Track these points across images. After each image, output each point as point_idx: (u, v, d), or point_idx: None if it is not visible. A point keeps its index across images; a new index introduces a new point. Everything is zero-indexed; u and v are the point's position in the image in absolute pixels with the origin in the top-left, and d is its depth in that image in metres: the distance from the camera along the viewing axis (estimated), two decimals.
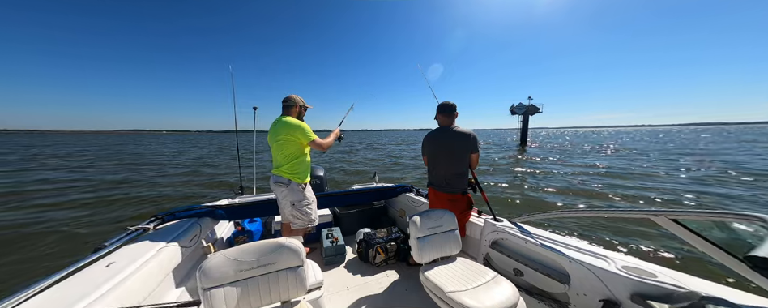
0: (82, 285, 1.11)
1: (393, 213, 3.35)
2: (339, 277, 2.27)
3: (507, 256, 1.83)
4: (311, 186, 3.56)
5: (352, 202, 3.12)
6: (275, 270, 1.23)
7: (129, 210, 6.40)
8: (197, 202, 5.01)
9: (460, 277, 1.54)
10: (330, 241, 2.49)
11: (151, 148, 29.75)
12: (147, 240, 1.63)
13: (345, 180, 10.22)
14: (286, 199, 2.11)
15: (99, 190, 8.38)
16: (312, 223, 2.21)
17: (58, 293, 1.06)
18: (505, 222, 1.96)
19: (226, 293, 1.12)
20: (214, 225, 2.34)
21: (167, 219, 1.99)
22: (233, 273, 1.14)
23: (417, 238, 1.69)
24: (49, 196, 7.41)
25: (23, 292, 1.00)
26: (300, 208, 2.12)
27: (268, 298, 1.21)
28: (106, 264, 1.29)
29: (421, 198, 2.84)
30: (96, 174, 11.23)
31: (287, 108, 2.20)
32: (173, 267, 1.59)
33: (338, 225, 3.08)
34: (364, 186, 3.63)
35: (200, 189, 8.74)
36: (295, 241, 1.30)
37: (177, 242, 1.67)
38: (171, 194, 7.96)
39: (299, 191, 2.11)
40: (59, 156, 18.81)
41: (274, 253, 1.23)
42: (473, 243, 2.16)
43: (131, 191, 8.22)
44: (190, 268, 1.85)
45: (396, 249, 2.47)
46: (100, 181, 9.82)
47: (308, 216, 2.17)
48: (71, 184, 9.16)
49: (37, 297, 1.02)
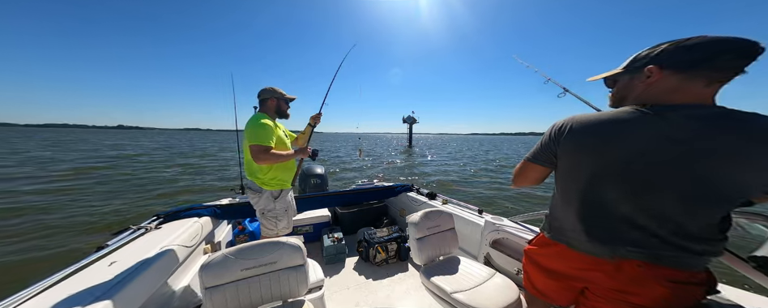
0: (84, 284, 1.11)
1: (393, 212, 3.35)
2: (339, 276, 2.27)
3: (508, 255, 1.82)
4: (311, 185, 3.58)
5: (352, 201, 3.12)
6: (277, 269, 1.23)
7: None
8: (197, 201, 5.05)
9: (460, 276, 1.54)
10: (330, 241, 2.49)
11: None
12: (149, 239, 1.63)
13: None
14: (257, 207, 1.90)
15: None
16: (279, 233, 1.92)
17: (61, 291, 1.06)
18: (506, 221, 1.96)
19: (227, 293, 1.12)
20: (215, 225, 2.34)
21: (168, 218, 1.99)
22: (235, 272, 1.14)
23: (417, 239, 1.69)
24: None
25: (25, 291, 1.01)
26: (267, 218, 1.89)
27: (269, 297, 1.22)
28: (108, 263, 1.29)
29: (421, 197, 2.84)
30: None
31: (261, 103, 1.85)
32: (175, 266, 1.60)
33: (338, 225, 3.09)
34: (365, 185, 3.63)
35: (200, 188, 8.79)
36: (296, 240, 1.30)
37: (178, 242, 1.67)
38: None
39: (269, 200, 1.85)
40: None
41: (275, 252, 1.23)
42: (473, 242, 2.15)
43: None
44: (192, 268, 1.86)
45: (396, 248, 2.47)
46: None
47: (275, 227, 1.90)
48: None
49: (40, 295, 1.02)
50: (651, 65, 0.69)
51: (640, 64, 0.73)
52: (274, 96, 1.82)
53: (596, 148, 0.74)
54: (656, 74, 0.69)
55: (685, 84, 0.66)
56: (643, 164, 0.68)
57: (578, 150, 0.78)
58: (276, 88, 1.84)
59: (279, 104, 1.86)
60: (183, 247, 1.70)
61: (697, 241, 0.69)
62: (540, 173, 0.94)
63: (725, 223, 0.70)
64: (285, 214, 1.91)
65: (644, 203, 0.70)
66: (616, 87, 0.83)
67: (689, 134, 0.63)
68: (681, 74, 0.66)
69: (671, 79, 0.67)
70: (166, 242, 1.61)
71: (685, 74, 0.65)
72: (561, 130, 0.81)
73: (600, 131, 0.73)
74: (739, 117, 0.61)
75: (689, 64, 0.64)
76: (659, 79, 0.69)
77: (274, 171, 1.83)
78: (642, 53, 0.74)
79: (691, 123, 0.63)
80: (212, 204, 2.41)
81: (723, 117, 0.62)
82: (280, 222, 1.91)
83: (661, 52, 0.68)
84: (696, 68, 0.64)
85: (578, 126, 0.78)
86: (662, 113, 0.67)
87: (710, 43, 0.62)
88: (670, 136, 0.65)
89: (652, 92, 0.71)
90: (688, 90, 0.66)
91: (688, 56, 0.64)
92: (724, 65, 0.62)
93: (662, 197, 0.68)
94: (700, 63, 0.63)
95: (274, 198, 1.85)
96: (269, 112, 1.84)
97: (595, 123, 0.75)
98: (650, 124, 0.67)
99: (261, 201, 1.84)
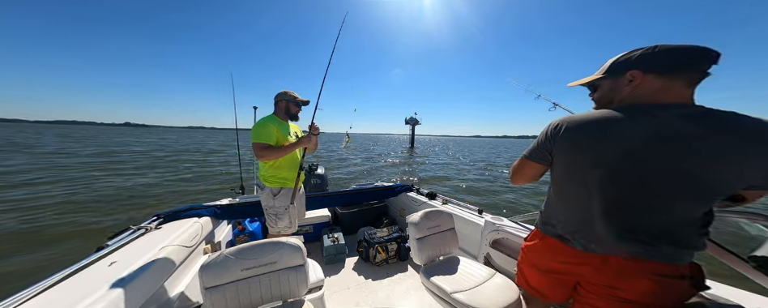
0: (84, 284, 1.11)
1: (393, 212, 3.35)
2: (339, 276, 2.27)
3: (508, 255, 1.82)
4: (311, 185, 3.58)
5: (352, 201, 3.12)
6: (277, 269, 1.23)
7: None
8: (198, 201, 5.08)
9: (460, 276, 1.54)
10: (330, 241, 2.50)
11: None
12: (149, 239, 1.63)
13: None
14: (262, 203, 1.98)
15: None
16: (281, 232, 1.98)
17: (61, 292, 1.06)
18: (506, 221, 1.96)
19: (227, 293, 1.12)
20: (215, 225, 2.34)
21: (168, 218, 1.99)
22: (235, 272, 1.14)
23: (417, 239, 1.69)
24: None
25: (25, 291, 1.01)
26: (268, 215, 1.96)
27: (269, 297, 1.22)
28: (108, 263, 1.29)
29: (421, 197, 2.84)
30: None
31: (275, 105, 1.99)
32: (175, 266, 1.60)
33: (338, 225, 3.09)
34: (365, 185, 3.64)
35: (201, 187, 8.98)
36: (296, 240, 1.30)
37: (178, 242, 1.67)
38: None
39: (269, 197, 1.93)
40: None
41: (275, 252, 1.23)
42: (473, 242, 2.15)
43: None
44: (192, 268, 1.86)
45: (396, 248, 2.47)
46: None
47: (275, 225, 1.96)
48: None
49: (40, 296, 1.02)
50: (633, 69, 0.74)
51: (621, 68, 0.77)
52: (284, 99, 1.94)
53: (590, 146, 0.77)
54: (639, 78, 0.73)
55: (668, 85, 0.71)
56: (635, 160, 0.71)
57: (572, 148, 0.81)
58: (289, 92, 1.95)
59: (288, 106, 1.97)
60: (183, 247, 1.70)
61: (681, 235, 0.72)
62: (537, 170, 0.96)
63: (708, 217, 0.73)
64: (286, 213, 1.93)
65: (634, 198, 0.73)
66: (599, 91, 0.87)
67: (679, 131, 0.66)
68: (664, 77, 0.71)
69: (654, 81, 0.72)
70: (166, 242, 1.61)
71: (668, 77, 0.70)
72: (556, 129, 0.84)
73: (594, 130, 0.77)
74: (721, 116, 0.65)
75: (670, 67, 0.69)
76: (642, 82, 0.73)
77: (274, 168, 1.90)
78: (620, 58, 0.78)
79: (680, 121, 0.66)
80: (212, 204, 2.41)
81: (707, 115, 0.66)
82: (280, 221, 1.94)
83: (641, 56, 0.73)
84: (677, 71, 0.69)
85: (572, 125, 0.81)
86: (652, 112, 0.70)
87: (687, 49, 0.67)
88: (661, 134, 0.68)
89: (639, 94, 0.75)
90: (671, 90, 0.71)
91: (668, 60, 0.69)
92: (702, 68, 0.67)
93: (651, 192, 0.71)
94: (681, 67, 0.69)
95: (273, 195, 1.91)
96: (280, 113, 1.96)
97: (589, 122, 0.78)
98: (642, 122, 0.70)
99: (263, 197, 1.94)
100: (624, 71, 0.76)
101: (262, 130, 1.80)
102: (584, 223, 0.83)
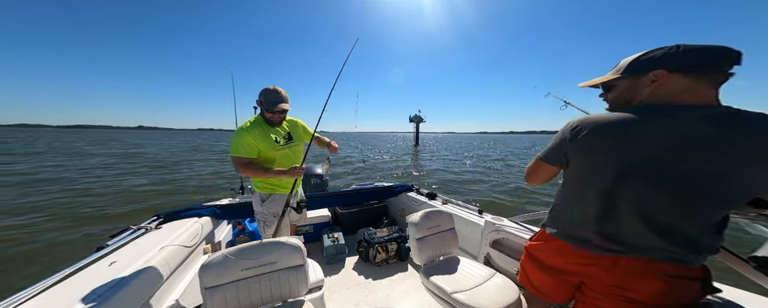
0: (84, 284, 1.11)
1: (393, 213, 3.35)
2: (339, 276, 2.27)
3: (508, 255, 1.82)
4: (311, 185, 3.58)
5: (352, 201, 3.12)
6: (277, 269, 1.23)
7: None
8: (198, 201, 5.09)
9: (460, 277, 1.54)
10: (330, 241, 2.50)
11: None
12: (149, 239, 1.63)
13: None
14: (253, 207, 1.87)
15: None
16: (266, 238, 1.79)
17: (61, 291, 1.06)
18: (506, 221, 1.96)
19: (227, 293, 1.12)
20: (215, 225, 2.34)
21: (168, 218, 1.99)
22: (235, 272, 1.14)
23: (417, 239, 1.68)
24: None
25: (25, 291, 1.01)
26: (257, 220, 1.85)
27: (269, 297, 1.22)
28: (108, 263, 1.30)
29: (421, 197, 2.84)
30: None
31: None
32: (175, 266, 1.60)
33: (338, 225, 3.08)
34: (365, 185, 3.64)
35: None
36: (296, 240, 1.30)
37: (178, 242, 1.67)
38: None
39: (258, 202, 1.79)
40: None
41: (275, 252, 1.23)
42: (473, 242, 2.15)
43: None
44: (192, 268, 1.86)
45: (396, 248, 2.47)
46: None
47: (263, 231, 1.84)
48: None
49: (40, 296, 1.02)
50: (657, 69, 0.70)
51: (644, 68, 0.73)
52: (261, 100, 1.62)
53: (610, 148, 0.74)
54: (664, 78, 0.70)
55: (694, 86, 0.68)
56: (657, 163, 0.68)
57: (590, 150, 0.78)
58: (270, 90, 1.60)
59: (261, 110, 1.67)
60: (183, 247, 1.70)
61: (698, 238, 0.71)
62: (553, 171, 0.95)
63: (724, 221, 0.71)
64: (274, 221, 1.69)
65: (653, 200, 0.71)
66: (614, 91, 0.83)
67: (704, 133, 0.63)
68: (689, 76, 0.67)
69: (680, 81, 0.68)
70: (166, 242, 1.61)
71: (693, 77, 0.67)
72: (574, 131, 0.81)
73: (614, 132, 0.73)
74: (750, 117, 0.62)
75: (697, 67, 0.66)
76: (666, 81, 0.70)
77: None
78: (641, 57, 0.75)
79: (706, 123, 0.63)
80: (212, 204, 2.41)
81: (735, 116, 0.63)
82: (268, 228, 1.78)
83: (665, 55, 0.69)
84: (703, 71, 0.66)
85: (591, 127, 0.78)
86: (674, 112, 0.67)
87: (713, 49, 0.64)
88: (684, 136, 0.65)
89: (660, 94, 0.72)
90: (696, 91, 0.68)
91: (694, 60, 0.66)
92: (726, 68, 0.65)
93: (672, 195, 0.68)
94: (707, 67, 0.65)
95: (262, 201, 1.76)
96: (264, 115, 1.69)
97: (609, 123, 0.74)
98: (663, 124, 0.68)
99: (253, 201, 1.85)
100: (646, 71, 0.72)
101: (237, 141, 1.55)
102: (598, 224, 0.80)
